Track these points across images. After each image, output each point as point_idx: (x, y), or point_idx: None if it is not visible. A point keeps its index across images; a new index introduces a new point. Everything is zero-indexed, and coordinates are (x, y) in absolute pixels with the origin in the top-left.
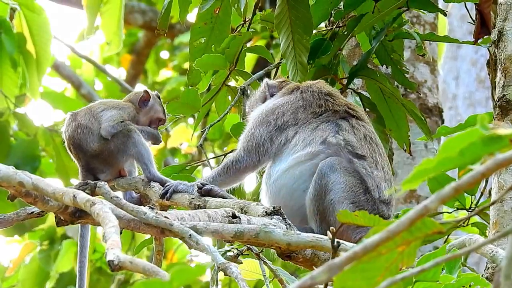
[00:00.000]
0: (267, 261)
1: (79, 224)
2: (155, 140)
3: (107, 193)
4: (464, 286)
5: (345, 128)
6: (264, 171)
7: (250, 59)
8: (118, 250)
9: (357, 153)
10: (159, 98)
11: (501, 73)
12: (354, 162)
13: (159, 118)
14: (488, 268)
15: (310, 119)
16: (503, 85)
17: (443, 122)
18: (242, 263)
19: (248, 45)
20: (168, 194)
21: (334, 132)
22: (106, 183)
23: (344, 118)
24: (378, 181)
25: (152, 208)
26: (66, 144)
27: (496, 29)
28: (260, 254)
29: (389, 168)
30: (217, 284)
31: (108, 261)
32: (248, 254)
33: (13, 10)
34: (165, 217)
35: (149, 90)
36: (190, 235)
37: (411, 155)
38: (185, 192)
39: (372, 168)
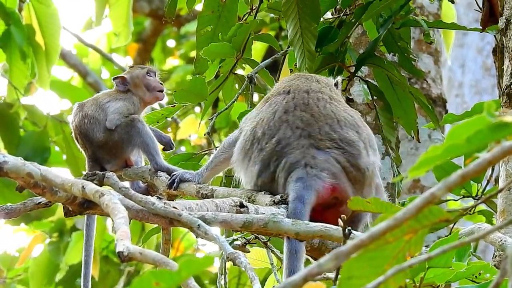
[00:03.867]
0: (274, 250)
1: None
2: (168, 147)
3: (115, 183)
4: (474, 274)
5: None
6: None
7: (259, 50)
8: (127, 241)
9: None
10: (130, 67)
11: (509, 61)
12: None
13: (146, 73)
14: (496, 256)
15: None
16: (510, 73)
17: (446, 112)
18: (249, 252)
19: None
20: (175, 184)
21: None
22: (114, 173)
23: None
24: None
25: (160, 198)
26: (73, 134)
27: (503, 17)
28: (268, 242)
29: None
30: (225, 274)
31: (118, 252)
32: (255, 243)
33: (22, 1)
34: (174, 207)
35: (117, 75)
36: (198, 225)
37: (419, 142)
38: (192, 181)
39: None
